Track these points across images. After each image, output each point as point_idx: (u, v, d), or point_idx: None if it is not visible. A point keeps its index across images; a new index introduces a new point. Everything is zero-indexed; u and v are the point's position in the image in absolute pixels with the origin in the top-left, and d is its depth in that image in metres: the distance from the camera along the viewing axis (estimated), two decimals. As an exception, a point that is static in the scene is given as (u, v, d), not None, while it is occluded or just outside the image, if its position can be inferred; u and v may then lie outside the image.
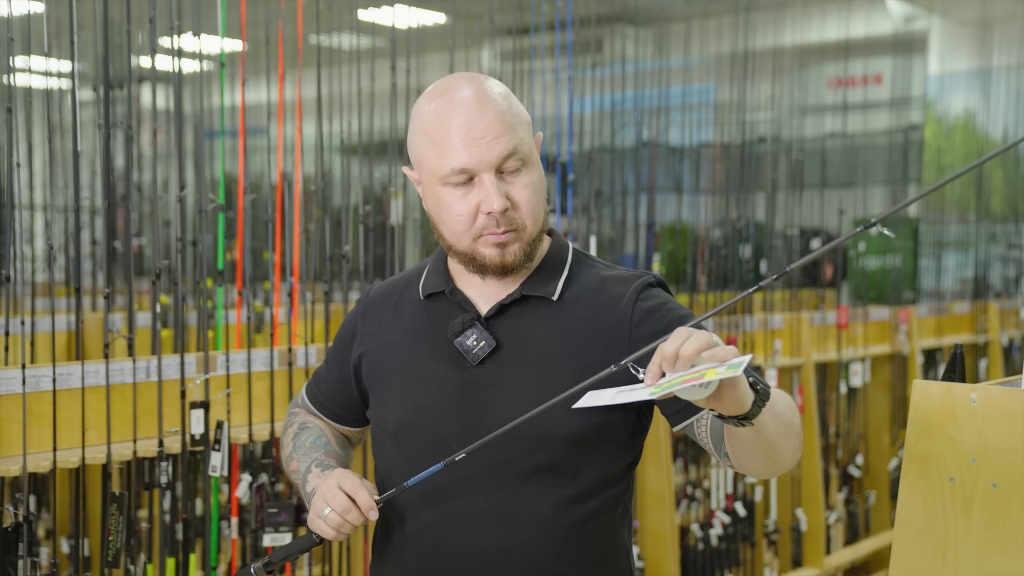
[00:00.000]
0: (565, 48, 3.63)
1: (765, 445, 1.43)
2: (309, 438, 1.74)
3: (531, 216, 1.55)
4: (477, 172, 1.51)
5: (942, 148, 7.33)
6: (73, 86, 2.64)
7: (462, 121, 1.51)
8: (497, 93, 1.54)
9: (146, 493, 2.62)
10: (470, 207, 1.52)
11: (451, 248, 1.58)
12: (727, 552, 3.79)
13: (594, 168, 4.05)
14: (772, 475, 1.54)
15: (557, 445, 1.54)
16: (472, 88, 1.53)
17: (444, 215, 1.55)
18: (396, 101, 3.34)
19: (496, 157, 1.50)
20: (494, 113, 1.51)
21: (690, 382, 1.26)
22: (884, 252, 6.16)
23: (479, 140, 1.50)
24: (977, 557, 1.47)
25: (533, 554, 1.55)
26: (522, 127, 1.55)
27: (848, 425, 4.64)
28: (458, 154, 1.50)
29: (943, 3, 7.64)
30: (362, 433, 1.81)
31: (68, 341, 3.62)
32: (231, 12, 2.93)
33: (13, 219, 2.99)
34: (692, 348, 1.28)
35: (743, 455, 1.47)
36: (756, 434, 1.39)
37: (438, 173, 1.53)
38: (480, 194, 1.51)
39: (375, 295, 1.75)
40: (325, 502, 1.51)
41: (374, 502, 1.50)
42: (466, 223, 1.53)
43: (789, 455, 1.48)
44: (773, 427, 1.41)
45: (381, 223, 4.07)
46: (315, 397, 1.81)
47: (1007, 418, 1.47)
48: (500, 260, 1.55)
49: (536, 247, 1.59)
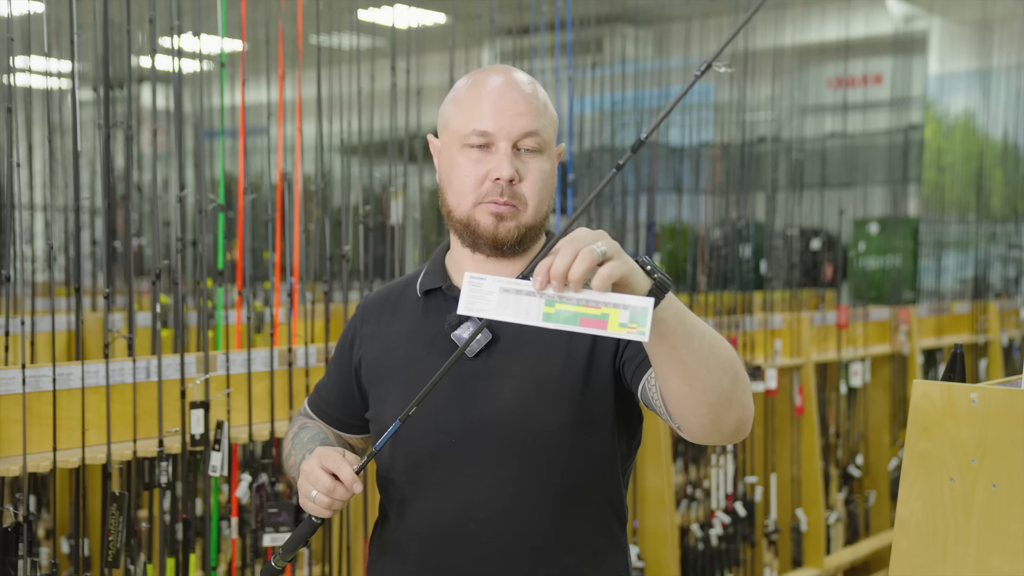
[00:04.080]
0: (565, 48, 3.63)
1: (676, 360, 1.33)
2: (307, 435, 1.77)
3: (534, 197, 1.59)
4: (496, 140, 1.58)
5: (942, 148, 7.33)
6: (73, 86, 2.64)
7: (492, 91, 1.60)
8: (528, 82, 1.63)
9: (146, 493, 2.62)
10: (480, 172, 1.58)
11: (450, 214, 1.63)
12: (727, 552, 3.79)
13: (594, 168, 4.05)
14: (707, 424, 1.40)
15: (551, 433, 1.56)
16: (507, 73, 1.63)
17: (453, 176, 1.61)
18: (396, 101, 3.34)
19: (517, 130, 1.57)
20: (523, 94, 1.60)
21: (590, 325, 1.21)
22: (884, 252, 6.16)
23: (505, 111, 1.58)
24: (977, 557, 1.48)
25: (533, 544, 1.57)
26: (546, 118, 1.62)
27: (848, 425, 4.64)
28: (483, 118, 1.58)
29: (943, 3, 7.64)
30: (365, 442, 1.82)
31: (68, 341, 3.61)
32: (231, 12, 2.93)
33: (13, 219, 2.99)
34: (580, 269, 1.22)
35: (670, 391, 1.38)
36: (661, 338, 1.31)
37: (460, 132, 1.60)
38: (493, 161, 1.58)
39: (373, 299, 1.77)
40: (309, 483, 1.52)
41: (356, 474, 1.51)
42: (472, 185, 1.59)
43: (717, 390, 1.36)
44: (683, 336, 1.32)
45: (381, 223, 4.07)
46: (317, 406, 1.83)
47: (1007, 418, 1.47)
48: (493, 231, 1.58)
49: (532, 237, 1.62)
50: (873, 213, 6.30)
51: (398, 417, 1.49)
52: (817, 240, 5.36)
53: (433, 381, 1.44)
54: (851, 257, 6.63)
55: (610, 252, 1.25)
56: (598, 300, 1.23)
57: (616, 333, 1.22)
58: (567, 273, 1.23)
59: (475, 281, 1.29)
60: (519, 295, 1.27)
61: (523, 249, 1.62)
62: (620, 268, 1.25)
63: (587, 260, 1.23)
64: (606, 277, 1.23)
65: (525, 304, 1.27)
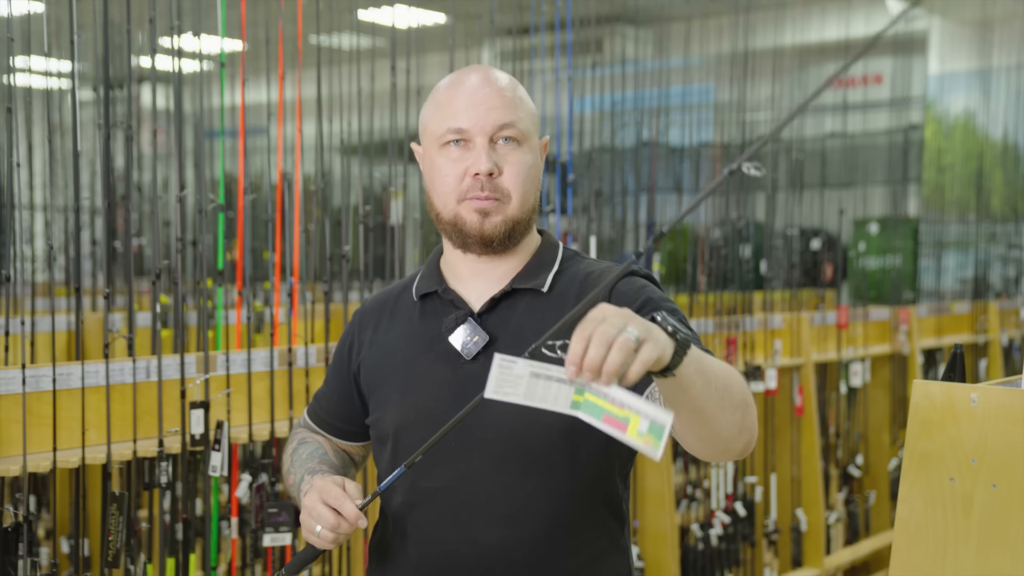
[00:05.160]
0: (565, 48, 3.62)
1: (695, 409, 1.35)
2: (306, 451, 1.75)
3: (517, 189, 1.59)
4: (472, 136, 1.58)
5: (942, 148, 7.32)
6: (73, 86, 2.64)
7: (466, 89, 1.61)
8: (503, 77, 1.63)
9: (146, 493, 2.62)
10: (459, 170, 1.59)
11: (439, 216, 1.63)
12: (727, 552, 3.79)
13: (594, 168, 4.05)
14: (716, 452, 1.43)
15: (551, 437, 1.55)
16: (483, 71, 1.64)
17: (435, 178, 1.62)
18: (396, 101, 3.34)
19: (491, 124, 1.58)
20: (497, 89, 1.61)
21: (611, 424, 1.21)
22: (884, 252, 6.16)
23: (479, 106, 1.59)
24: (977, 557, 1.47)
25: (533, 549, 1.56)
26: (523, 111, 1.62)
27: (848, 425, 4.64)
28: (457, 115, 1.59)
29: (943, 3, 7.63)
30: (365, 450, 1.81)
31: (68, 341, 3.61)
32: (231, 12, 2.93)
33: (13, 219, 2.99)
34: (616, 363, 1.20)
35: (683, 429, 1.39)
36: (682, 391, 1.32)
37: (436, 133, 1.61)
38: (471, 158, 1.58)
39: (370, 304, 1.77)
40: (312, 519, 1.51)
41: (360, 511, 1.50)
42: (454, 184, 1.59)
43: (729, 425, 1.38)
44: (702, 386, 1.33)
45: (381, 223, 4.07)
46: (316, 415, 1.82)
47: (1007, 418, 1.47)
48: (479, 228, 1.58)
49: (521, 231, 1.61)
50: (873, 213, 6.30)
51: (403, 464, 1.48)
52: (817, 240, 5.36)
53: (447, 427, 1.41)
54: (851, 257, 6.62)
55: (641, 336, 1.23)
56: (624, 401, 1.22)
57: (631, 441, 1.21)
58: (602, 366, 1.21)
59: (505, 364, 1.28)
60: (549, 381, 1.26)
61: (513, 244, 1.62)
62: (654, 352, 1.23)
63: (623, 353, 1.21)
64: (643, 365, 1.22)
65: (555, 391, 1.27)
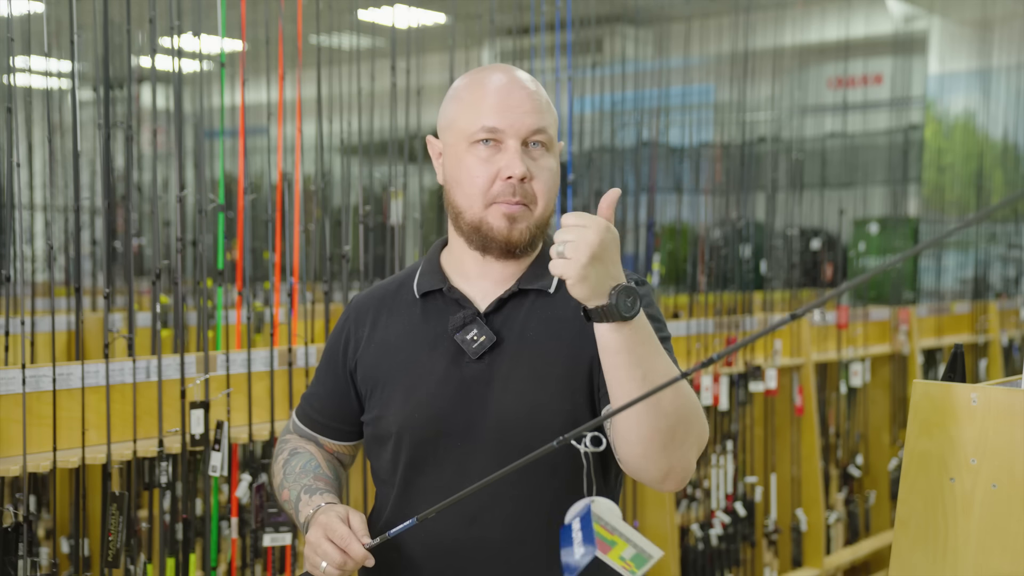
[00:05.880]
0: (565, 48, 3.62)
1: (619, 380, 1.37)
2: (298, 463, 1.71)
3: (544, 195, 1.58)
4: (504, 137, 1.55)
5: (942, 148, 7.32)
6: (73, 86, 2.64)
7: (498, 88, 1.57)
8: (530, 80, 1.61)
9: (146, 493, 2.62)
10: (491, 171, 1.56)
11: (460, 216, 1.60)
12: (727, 552, 3.79)
13: (594, 168, 4.05)
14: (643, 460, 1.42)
15: (554, 435, 1.53)
16: (509, 71, 1.61)
17: (463, 177, 1.58)
18: (396, 101, 3.34)
19: (526, 128, 1.56)
20: (528, 92, 1.58)
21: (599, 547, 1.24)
22: (884, 252, 6.16)
23: (514, 108, 1.56)
24: (977, 557, 1.47)
25: (537, 549, 1.56)
26: (550, 116, 1.61)
27: (848, 425, 4.64)
28: (491, 114, 1.55)
29: (943, 3, 7.63)
30: (355, 449, 1.79)
31: (68, 341, 3.61)
32: (231, 12, 2.93)
33: (13, 219, 2.99)
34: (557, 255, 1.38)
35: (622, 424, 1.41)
36: (604, 350, 1.37)
37: (467, 130, 1.57)
38: (503, 159, 1.55)
39: (364, 299, 1.73)
40: (318, 556, 1.49)
41: (367, 551, 1.48)
42: (483, 186, 1.56)
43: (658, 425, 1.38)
44: (626, 364, 1.36)
45: (381, 223, 4.07)
46: (306, 415, 1.78)
47: (1007, 418, 1.47)
48: (507, 234, 1.57)
49: (539, 236, 1.61)
50: (873, 213, 6.29)
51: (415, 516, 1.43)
52: (817, 240, 5.35)
53: (465, 493, 1.36)
54: (851, 257, 6.62)
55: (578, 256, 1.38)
56: (616, 527, 1.26)
57: (612, 562, 1.24)
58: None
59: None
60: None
61: (533, 249, 1.62)
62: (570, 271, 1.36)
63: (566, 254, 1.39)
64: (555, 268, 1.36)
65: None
